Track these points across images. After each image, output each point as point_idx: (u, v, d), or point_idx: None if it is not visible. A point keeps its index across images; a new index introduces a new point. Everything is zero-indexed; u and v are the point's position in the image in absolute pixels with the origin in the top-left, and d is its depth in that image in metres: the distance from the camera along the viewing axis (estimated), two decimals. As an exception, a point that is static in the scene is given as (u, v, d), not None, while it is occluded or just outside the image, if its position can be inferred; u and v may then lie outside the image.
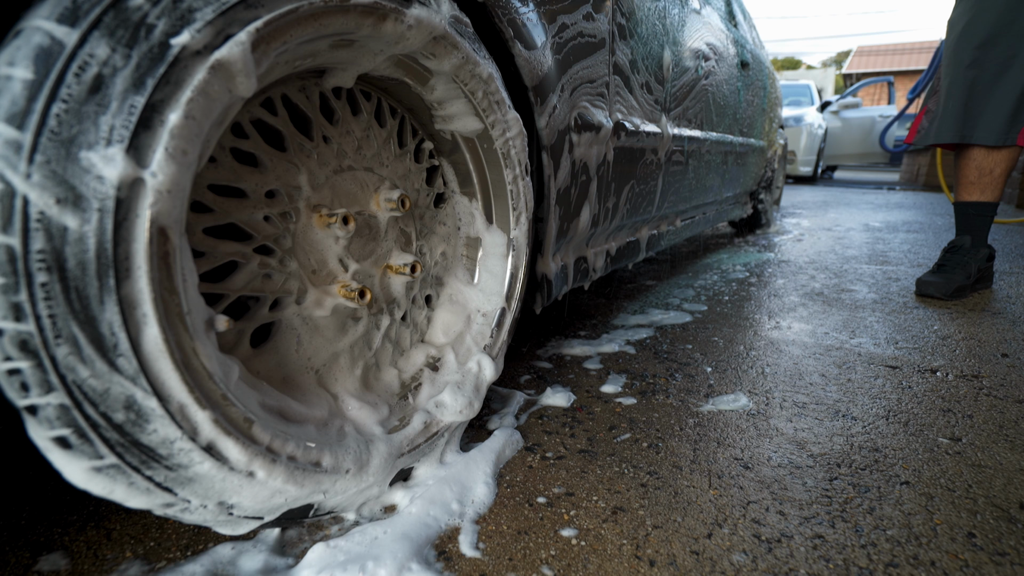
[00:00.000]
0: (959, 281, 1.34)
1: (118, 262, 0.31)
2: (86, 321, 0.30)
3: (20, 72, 0.28)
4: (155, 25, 0.31)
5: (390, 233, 0.56)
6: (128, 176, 0.30)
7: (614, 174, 0.94)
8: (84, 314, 0.30)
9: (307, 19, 0.38)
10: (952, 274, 1.35)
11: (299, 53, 0.41)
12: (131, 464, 0.34)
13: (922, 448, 0.65)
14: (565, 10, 0.73)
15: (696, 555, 0.46)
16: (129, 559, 0.46)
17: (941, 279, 1.35)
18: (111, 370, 0.31)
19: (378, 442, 0.50)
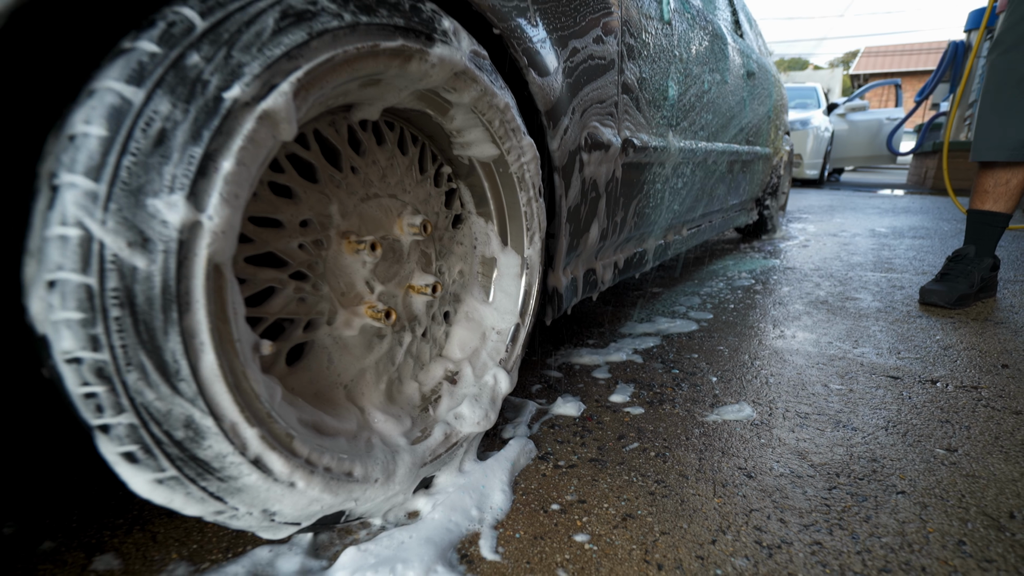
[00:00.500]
0: (962, 290, 1.36)
1: (180, 297, 0.34)
2: (152, 350, 0.34)
3: (95, 130, 0.32)
4: (209, 81, 0.35)
5: (412, 255, 0.60)
6: (188, 220, 0.34)
7: (622, 189, 0.97)
8: (151, 344, 0.34)
9: (341, 66, 0.42)
10: (955, 283, 1.37)
11: (332, 94, 0.45)
12: (189, 476, 0.37)
13: (919, 459, 0.67)
14: (576, 35, 0.76)
15: (701, 560, 0.49)
16: (175, 560, 0.50)
17: (944, 288, 1.37)
18: (173, 393, 0.35)
19: (403, 452, 0.53)
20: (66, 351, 0.32)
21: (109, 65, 0.33)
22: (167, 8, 0.35)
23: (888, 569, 0.48)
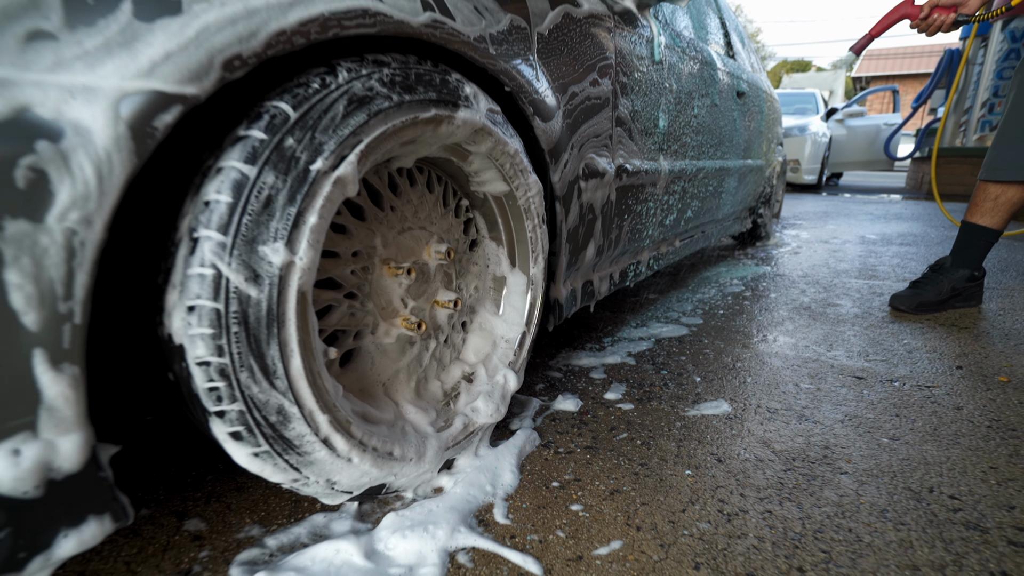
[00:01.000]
0: (925, 297, 1.46)
1: (279, 317, 0.46)
2: (258, 356, 0.46)
3: (224, 198, 0.44)
4: (300, 157, 0.47)
5: (437, 276, 0.72)
6: (286, 261, 0.46)
7: (616, 210, 1.09)
8: (257, 351, 0.46)
9: (390, 136, 0.54)
10: (922, 290, 1.48)
11: (381, 154, 0.57)
12: (276, 451, 0.50)
13: (865, 446, 0.79)
14: (575, 81, 0.89)
15: (672, 523, 0.61)
16: (249, 524, 0.62)
17: (910, 293, 1.49)
18: (271, 387, 0.47)
19: (431, 438, 0.65)
20: (199, 356, 0.45)
21: (231, 148, 0.45)
22: (269, 103, 0.47)
23: (821, 529, 0.60)
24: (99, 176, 0.38)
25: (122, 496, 0.44)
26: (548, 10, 0.81)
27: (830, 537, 0.59)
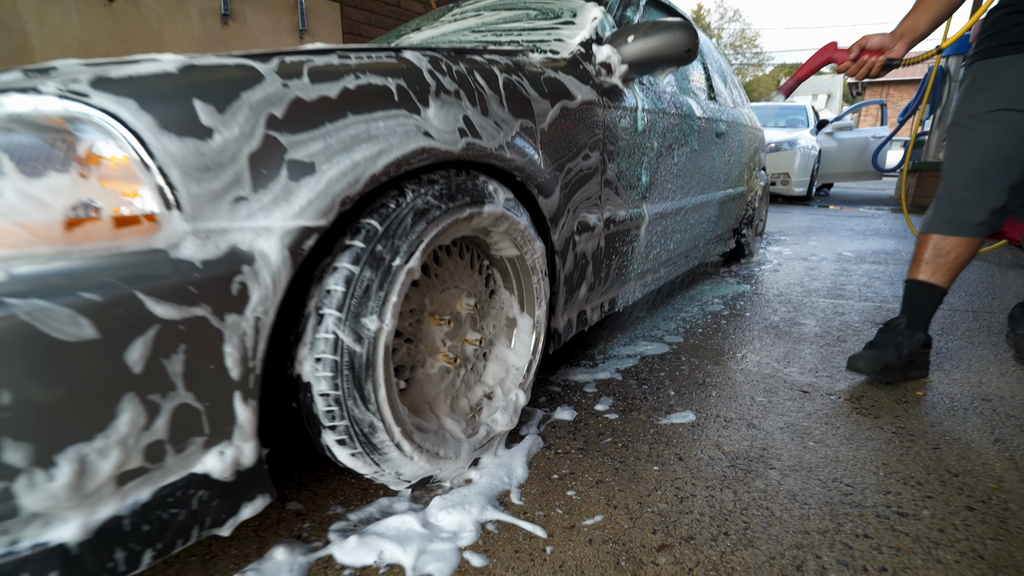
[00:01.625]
0: (888, 359, 1.30)
1: (372, 363, 0.70)
2: (359, 389, 0.70)
3: (339, 287, 0.68)
4: (385, 258, 0.71)
5: (467, 321, 0.96)
6: (378, 328, 0.70)
7: (605, 254, 1.33)
8: (358, 386, 0.70)
9: (441, 233, 0.78)
10: (883, 352, 1.32)
11: (432, 244, 0.80)
12: (366, 452, 0.73)
13: (795, 448, 1.02)
14: (570, 159, 1.12)
15: (640, 504, 0.85)
16: (334, 505, 0.85)
17: (871, 355, 1.32)
18: (366, 410, 0.71)
19: (463, 442, 0.89)
20: (322, 390, 0.68)
21: (342, 253, 0.69)
22: (364, 220, 0.71)
23: (747, 508, 0.84)
24: (274, 283, 0.62)
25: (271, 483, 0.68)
26: (549, 108, 1.05)
27: (752, 513, 0.83)
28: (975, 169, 1.24)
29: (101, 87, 0.56)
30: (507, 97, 0.94)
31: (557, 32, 1.38)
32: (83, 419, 0.52)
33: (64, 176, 0.52)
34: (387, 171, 0.71)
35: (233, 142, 0.60)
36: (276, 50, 0.72)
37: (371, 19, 4.47)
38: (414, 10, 4.85)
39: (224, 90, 0.61)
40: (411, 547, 0.74)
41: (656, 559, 0.73)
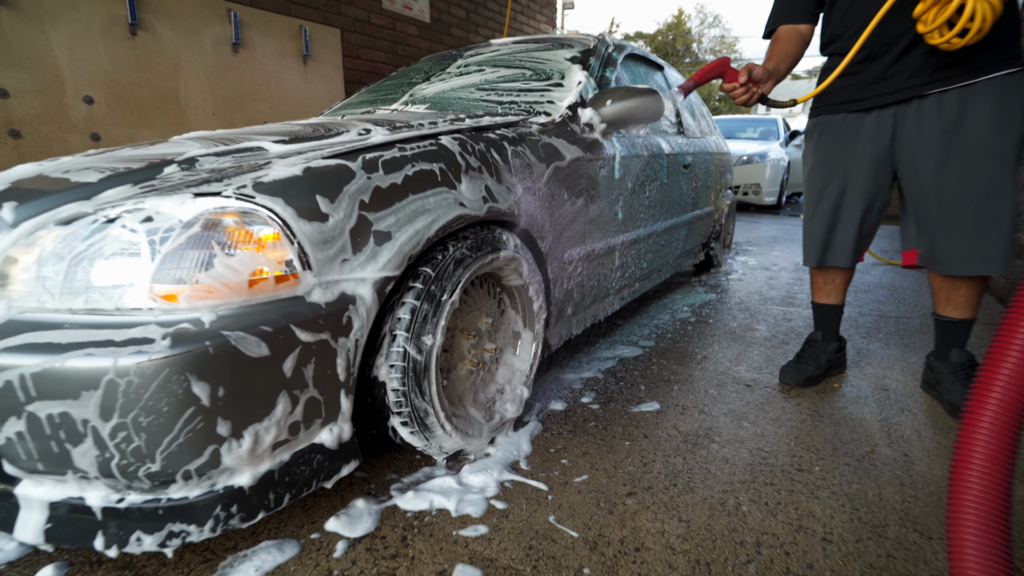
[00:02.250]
0: (810, 372, 1.58)
1: (427, 367, 1.01)
2: (419, 385, 1.00)
3: (407, 316, 0.98)
4: (436, 294, 1.01)
5: (485, 334, 1.27)
6: (432, 343, 1.00)
7: (586, 278, 1.64)
8: (418, 384, 1.00)
9: (471, 275, 1.09)
10: (805, 365, 1.60)
11: (466, 283, 1.11)
12: (421, 431, 1.04)
13: (733, 427, 1.35)
14: (560, 206, 1.44)
15: (615, 467, 1.17)
16: (389, 472, 1.15)
17: (796, 369, 1.60)
18: (422, 400, 1.01)
19: (484, 425, 1.20)
20: (393, 387, 0.99)
21: (407, 292, 0.99)
22: (422, 268, 1.01)
23: (692, 468, 1.16)
24: (367, 315, 0.92)
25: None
26: (545, 169, 1.37)
27: (695, 472, 1.15)
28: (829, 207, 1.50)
29: (260, 189, 0.86)
30: (514, 166, 1.25)
31: (549, 94, 1.70)
32: (259, 407, 0.82)
33: (246, 253, 0.82)
34: (437, 234, 1.02)
35: (340, 222, 0.90)
36: (356, 146, 1.03)
37: (368, 42, 4.75)
38: (408, 32, 5.13)
39: (333, 186, 0.91)
40: (452, 498, 1.05)
41: (625, 501, 1.05)
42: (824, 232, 1.53)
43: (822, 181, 1.51)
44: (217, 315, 0.78)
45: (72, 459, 0.75)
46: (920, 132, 1.31)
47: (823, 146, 1.50)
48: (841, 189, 1.47)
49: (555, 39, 2.15)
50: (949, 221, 1.31)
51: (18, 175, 1.02)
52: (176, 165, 1.00)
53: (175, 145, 1.17)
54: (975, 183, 1.25)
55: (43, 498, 0.80)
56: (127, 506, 0.79)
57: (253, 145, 1.11)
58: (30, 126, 2.89)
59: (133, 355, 0.72)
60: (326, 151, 1.01)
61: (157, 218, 0.81)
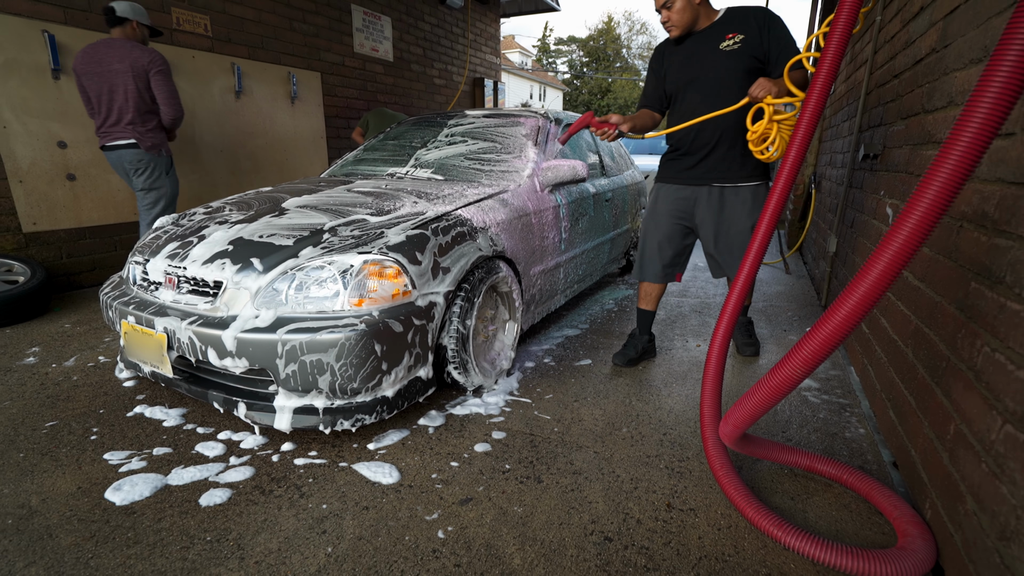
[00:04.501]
0: (630, 356, 2.35)
1: (467, 338, 1.91)
2: (463, 346, 1.90)
3: (456, 310, 1.87)
4: (472, 298, 1.91)
5: (489, 319, 2.18)
6: (471, 325, 1.90)
7: (542, 285, 2.58)
8: (463, 345, 1.90)
9: (486, 289, 1.99)
10: (628, 352, 2.37)
11: (484, 291, 2.01)
12: (463, 373, 1.93)
13: (630, 370, 2.33)
14: (529, 241, 2.37)
15: (565, 392, 2.11)
16: (443, 401, 2.04)
17: (622, 355, 2.36)
18: (466, 353, 1.91)
19: (491, 372, 2.11)
20: (452, 348, 1.87)
21: (456, 298, 1.88)
22: (463, 284, 1.91)
23: (608, 389, 2.12)
24: (440, 311, 1.82)
25: (437, 382, 1.88)
26: (519, 218, 2.29)
27: (610, 389, 2.12)
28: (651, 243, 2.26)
29: (390, 249, 1.73)
30: (504, 220, 2.17)
31: (514, 164, 2.62)
32: (398, 356, 1.69)
33: (387, 281, 1.69)
34: (470, 267, 1.92)
35: (427, 263, 1.78)
36: (425, 220, 1.91)
37: (343, 82, 5.50)
38: (376, 70, 5.91)
39: (421, 245, 1.79)
40: (480, 407, 1.95)
41: (572, 404, 2.00)
42: (645, 258, 2.30)
43: (647, 226, 2.28)
44: (380, 311, 1.65)
45: (317, 383, 1.59)
46: (708, 207, 2.22)
47: (655, 203, 2.26)
48: (656, 232, 2.23)
49: (512, 114, 3.07)
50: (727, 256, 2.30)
51: (228, 237, 1.83)
52: (328, 233, 1.84)
53: (307, 215, 2.00)
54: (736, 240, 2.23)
55: (290, 405, 1.63)
56: (335, 406, 1.64)
57: (358, 217, 1.96)
58: (82, 170, 3.51)
59: (348, 331, 1.57)
60: (410, 223, 1.88)
61: (343, 265, 1.66)
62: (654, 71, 2.20)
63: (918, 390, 1.40)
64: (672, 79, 2.11)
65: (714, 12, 2.03)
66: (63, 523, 1.33)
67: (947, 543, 1.13)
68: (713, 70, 1.99)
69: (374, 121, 4.71)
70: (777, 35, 1.91)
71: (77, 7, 3.26)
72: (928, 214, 0.87)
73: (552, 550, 1.25)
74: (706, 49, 2.01)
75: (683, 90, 2.09)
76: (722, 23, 2.00)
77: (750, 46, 1.93)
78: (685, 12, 1.96)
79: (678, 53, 2.09)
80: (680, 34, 2.03)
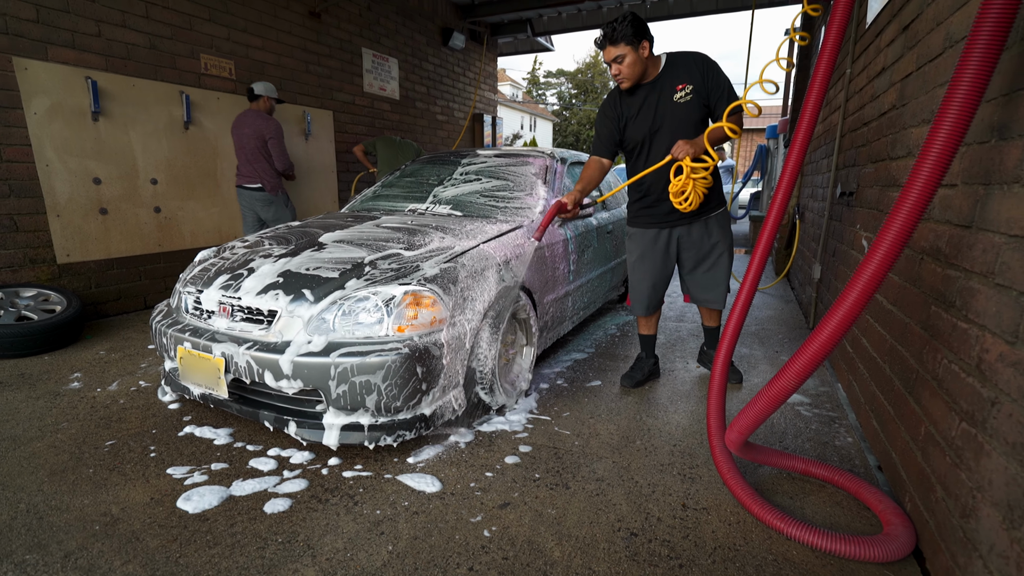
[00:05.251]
0: (638, 379, 2.53)
1: (495, 361, 2.10)
2: (490, 369, 2.09)
3: (484, 336, 2.07)
4: (497, 324, 2.11)
5: (510, 344, 2.37)
6: (498, 349, 2.10)
7: (554, 312, 2.80)
8: (489, 368, 2.09)
9: (510, 318, 2.20)
10: (634, 375, 2.56)
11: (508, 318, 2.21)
12: (490, 393, 2.12)
13: (639, 389, 2.53)
14: (543, 272, 2.59)
15: (581, 410, 2.30)
16: (471, 420, 2.21)
17: (629, 378, 2.55)
18: (493, 377, 2.10)
19: (512, 392, 2.30)
20: (481, 370, 2.06)
21: (485, 323, 2.08)
22: (489, 312, 2.11)
23: (620, 408, 2.32)
24: (470, 335, 2.02)
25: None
26: (534, 252, 2.52)
27: (621, 408, 2.31)
28: (646, 284, 2.45)
29: (427, 280, 1.94)
30: (522, 255, 2.39)
31: (527, 201, 2.86)
32: (434, 379, 1.88)
33: (426, 309, 1.89)
34: (495, 297, 2.12)
35: (459, 293, 1.99)
36: (456, 253, 2.12)
37: (353, 119, 5.79)
38: (383, 108, 6.21)
39: (454, 276, 2.01)
40: (505, 425, 2.13)
41: (589, 423, 2.18)
42: (642, 297, 2.50)
43: (639, 270, 2.46)
44: (420, 336, 1.84)
45: (365, 401, 1.77)
46: (688, 240, 2.41)
47: (641, 247, 2.43)
48: (651, 275, 2.43)
49: (522, 154, 3.33)
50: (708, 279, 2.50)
51: (277, 270, 2.03)
52: (368, 266, 2.04)
53: (345, 249, 2.20)
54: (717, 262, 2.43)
55: (338, 423, 1.81)
56: (379, 423, 1.82)
57: (393, 251, 2.17)
58: (114, 205, 3.71)
59: (394, 354, 1.77)
60: (442, 256, 2.09)
61: (387, 296, 1.86)
62: (609, 118, 2.31)
63: (895, 400, 1.62)
64: (635, 130, 2.26)
65: (658, 60, 2.19)
66: (146, 528, 1.48)
67: (924, 528, 1.33)
68: (672, 121, 2.18)
69: (381, 147, 5.00)
70: (717, 82, 2.11)
71: (117, 55, 3.50)
72: (891, 250, 1.10)
73: (586, 544, 1.42)
74: (661, 100, 2.18)
75: (648, 140, 2.26)
76: (669, 72, 2.17)
77: (699, 95, 2.13)
78: (636, 66, 2.11)
79: (632, 104, 2.24)
80: (631, 86, 2.18)
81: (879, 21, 2.39)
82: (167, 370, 2.26)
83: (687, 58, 2.17)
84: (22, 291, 3.10)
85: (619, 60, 2.10)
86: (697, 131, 2.17)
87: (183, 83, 3.93)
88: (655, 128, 2.23)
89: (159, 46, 3.76)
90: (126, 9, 3.54)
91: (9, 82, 3.05)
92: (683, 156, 2.04)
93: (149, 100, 3.72)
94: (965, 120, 1.01)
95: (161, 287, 3.98)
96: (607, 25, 2.08)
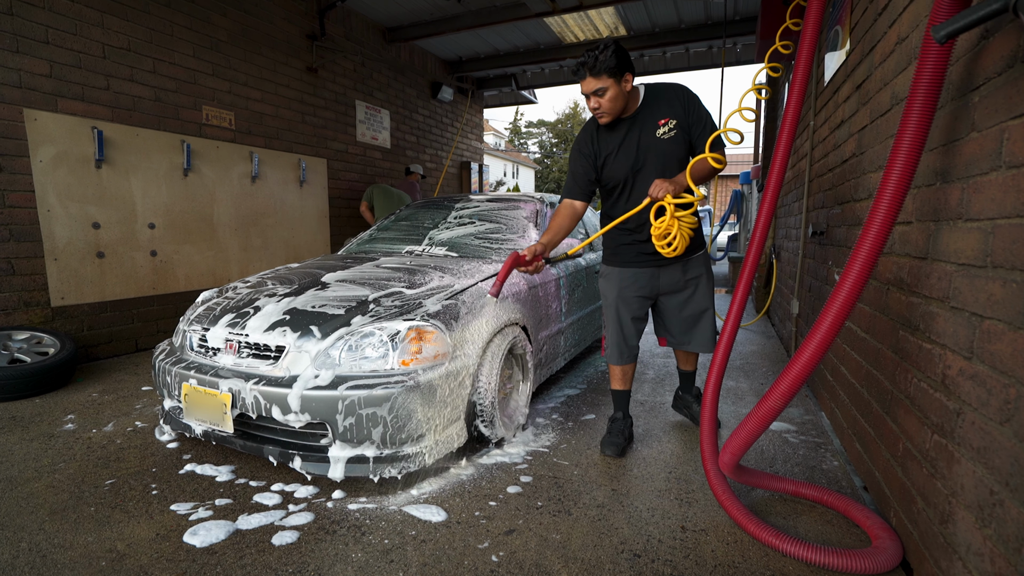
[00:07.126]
0: (620, 444, 2.20)
1: (494, 394, 2.17)
2: (490, 403, 2.15)
3: (485, 368, 2.15)
4: (498, 358, 2.20)
5: (507, 378, 2.45)
6: (496, 382, 2.17)
7: (548, 348, 2.89)
8: (489, 401, 2.15)
9: (506, 355, 2.29)
10: (616, 439, 2.21)
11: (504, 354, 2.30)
12: (489, 426, 2.18)
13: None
14: (538, 309, 2.69)
15: (577, 441, 2.36)
16: (471, 453, 2.25)
17: (610, 443, 2.19)
18: (493, 410, 2.16)
19: (511, 425, 2.35)
20: (481, 404, 2.13)
21: (485, 357, 2.17)
22: (488, 346, 2.20)
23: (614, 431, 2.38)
24: (470, 369, 2.09)
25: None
26: (529, 289, 2.63)
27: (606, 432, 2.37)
28: (626, 324, 2.24)
29: (430, 316, 2.03)
30: (517, 292, 2.50)
31: (519, 243, 3.00)
32: (438, 411, 1.94)
33: (429, 344, 1.97)
34: (494, 333, 2.22)
35: (460, 327, 2.08)
36: (457, 291, 2.22)
37: (346, 167, 5.98)
38: (375, 156, 6.43)
39: (455, 313, 2.10)
40: (504, 457, 2.18)
41: (584, 451, 2.24)
42: (621, 341, 2.26)
43: (618, 309, 2.25)
44: (423, 370, 1.92)
45: (371, 434, 1.82)
46: (671, 281, 2.19)
47: (620, 286, 2.24)
48: (627, 313, 2.23)
49: (513, 199, 3.50)
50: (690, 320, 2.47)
51: (282, 308, 2.10)
52: (372, 303, 2.13)
53: (348, 288, 2.29)
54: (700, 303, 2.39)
55: (344, 455, 1.84)
56: (384, 455, 1.86)
57: (395, 289, 2.27)
58: (111, 248, 3.77)
59: (399, 387, 1.83)
60: (443, 294, 2.19)
61: (392, 331, 1.95)
62: (584, 156, 2.13)
63: (875, 421, 1.73)
64: (615, 168, 2.10)
65: (637, 93, 2.05)
66: (154, 563, 1.48)
67: (909, 539, 1.41)
68: (656, 158, 2.04)
69: (378, 194, 5.29)
70: (699, 115, 2.00)
71: (123, 107, 3.65)
72: (858, 276, 1.23)
73: (592, 566, 1.47)
74: (643, 136, 2.03)
75: (630, 179, 2.10)
76: (650, 106, 2.03)
77: (683, 130, 2.01)
78: (617, 100, 1.95)
79: (611, 140, 2.08)
80: (610, 120, 2.03)
81: (835, 80, 2.66)
82: (167, 408, 2.27)
83: (668, 90, 2.05)
84: (15, 333, 3.09)
85: (600, 93, 1.93)
86: (681, 168, 2.03)
87: (185, 132, 4.08)
88: (637, 166, 2.07)
89: (164, 98, 3.92)
90: (135, 64, 3.71)
91: (18, 132, 3.15)
92: (663, 195, 1.88)
93: (151, 148, 3.85)
94: (910, 167, 1.17)
95: (153, 329, 3.98)
96: (587, 53, 1.89)
